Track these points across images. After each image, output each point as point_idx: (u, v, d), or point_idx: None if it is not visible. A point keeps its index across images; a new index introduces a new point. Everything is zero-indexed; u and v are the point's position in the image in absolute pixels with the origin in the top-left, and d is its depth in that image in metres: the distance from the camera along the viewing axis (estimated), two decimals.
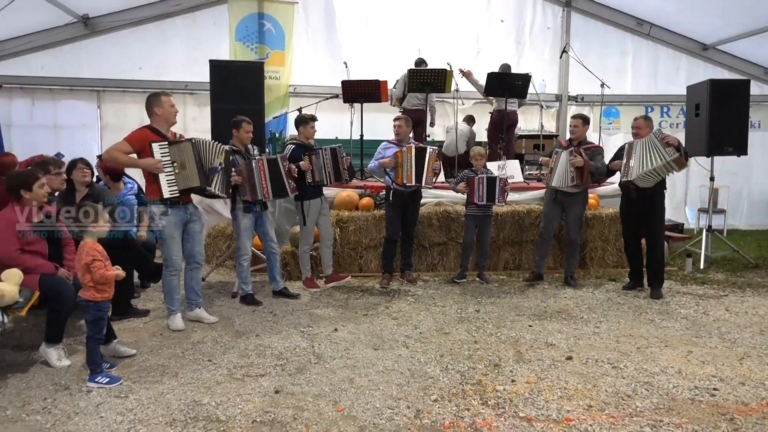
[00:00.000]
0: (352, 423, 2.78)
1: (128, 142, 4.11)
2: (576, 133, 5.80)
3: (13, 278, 3.27)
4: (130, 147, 4.10)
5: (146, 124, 4.30)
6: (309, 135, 5.52)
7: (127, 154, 4.12)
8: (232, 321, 4.58)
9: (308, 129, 5.50)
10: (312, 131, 5.54)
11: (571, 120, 6.01)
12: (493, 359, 3.68)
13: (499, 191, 5.76)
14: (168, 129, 4.31)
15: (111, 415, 2.87)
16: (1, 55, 8.36)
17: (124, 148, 4.10)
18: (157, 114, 4.24)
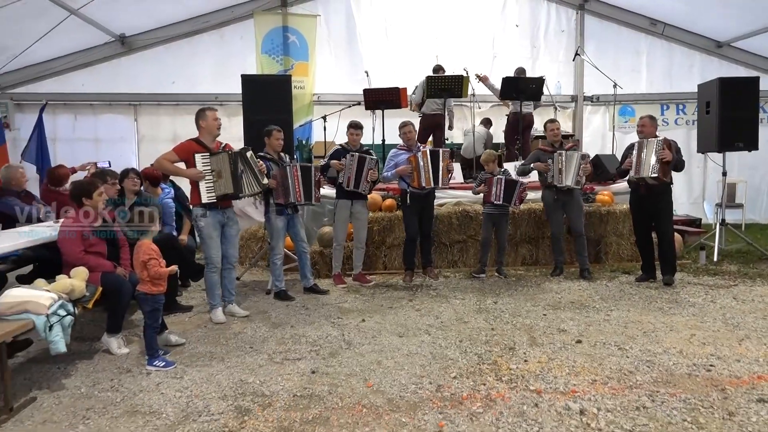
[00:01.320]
0: (380, 396, 3.15)
1: (176, 153, 4.57)
2: (558, 137, 6.18)
3: (80, 275, 3.72)
4: (176, 157, 4.56)
5: (193, 137, 4.73)
6: (352, 141, 5.91)
7: (173, 163, 4.56)
8: (269, 314, 4.99)
9: (351, 135, 5.91)
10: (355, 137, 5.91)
11: (550, 124, 6.33)
12: (508, 343, 4.01)
13: (516, 195, 6.09)
14: (212, 140, 4.75)
15: (170, 391, 3.29)
16: (46, 74, 8.96)
17: (172, 157, 4.56)
18: (202, 127, 4.70)
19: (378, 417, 2.89)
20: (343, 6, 9.57)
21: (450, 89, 7.61)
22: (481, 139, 8.56)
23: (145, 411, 3.03)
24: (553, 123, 6.42)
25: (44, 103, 8.74)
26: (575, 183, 6.01)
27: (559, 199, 6.18)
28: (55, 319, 3.27)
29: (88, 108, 9.27)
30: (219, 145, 4.80)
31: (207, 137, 4.73)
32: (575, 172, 5.97)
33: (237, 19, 9.31)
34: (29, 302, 3.23)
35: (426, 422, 2.81)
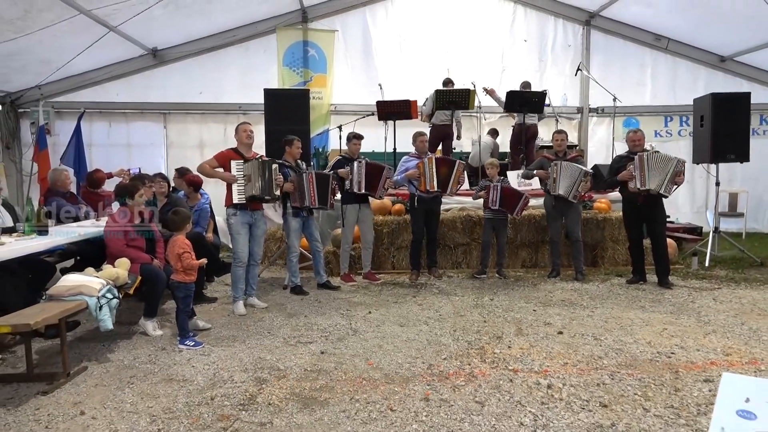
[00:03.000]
0: (379, 371, 3.66)
1: (216, 159, 5.24)
2: (563, 147, 6.60)
3: (123, 265, 4.30)
4: (216, 162, 5.22)
5: (232, 147, 5.40)
6: (353, 150, 6.46)
7: (213, 168, 5.18)
8: (285, 306, 5.54)
9: (352, 145, 6.46)
10: (355, 147, 6.47)
11: (556, 135, 6.77)
12: (497, 333, 4.49)
13: (520, 207, 6.55)
14: (247, 149, 5.39)
15: (199, 365, 3.84)
16: (84, 85, 9.67)
17: (212, 163, 5.20)
18: (236, 139, 5.36)
19: (375, 387, 3.40)
20: (359, 22, 10.14)
21: (457, 102, 8.12)
22: (488, 148, 9.04)
23: (179, 379, 3.59)
24: (560, 134, 6.85)
25: (82, 111, 9.44)
26: (570, 195, 6.42)
27: (557, 206, 6.62)
28: (104, 301, 3.85)
29: (122, 116, 9.95)
30: (255, 154, 5.41)
31: (243, 147, 5.37)
32: (570, 184, 6.40)
33: (260, 34, 9.92)
34: (83, 286, 3.81)
35: (415, 391, 3.32)
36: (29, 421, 3.00)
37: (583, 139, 10.49)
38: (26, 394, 3.38)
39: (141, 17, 7.94)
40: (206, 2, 8.28)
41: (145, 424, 2.94)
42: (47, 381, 3.51)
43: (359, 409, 3.09)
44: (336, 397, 3.27)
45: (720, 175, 8.70)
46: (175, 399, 3.26)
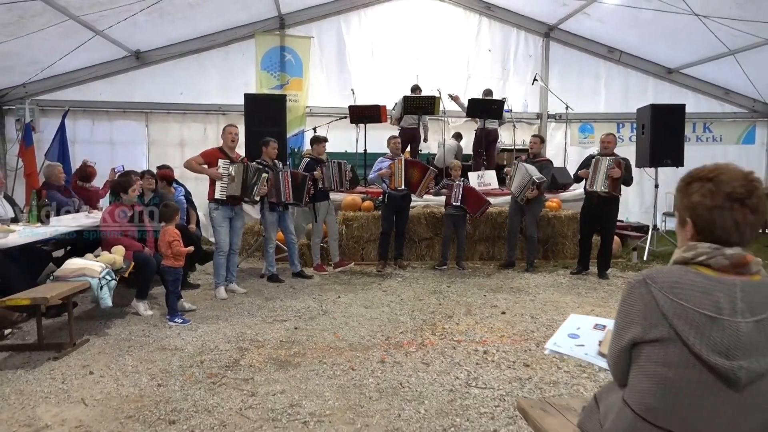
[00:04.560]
0: (344, 342, 4.30)
1: (202, 156, 5.76)
2: (534, 149, 7.30)
3: (119, 251, 4.84)
4: (202, 159, 5.75)
5: (218, 146, 5.96)
6: (320, 152, 7.06)
7: (199, 164, 5.72)
8: (262, 292, 6.12)
9: (320, 147, 7.06)
10: (323, 149, 7.08)
11: (531, 138, 7.49)
12: (448, 313, 5.17)
13: (482, 210, 7.26)
14: (231, 150, 5.93)
15: (188, 337, 4.42)
16: (69, 83, 10.06)
17: (199, 160, 5.74)
18: (222, 139, 5.91)
19: (340, 353, 4.04)
20: (334, 29, 10.73)
21: (424, 107, 8.79)
22: (452, 151, 9.72)
23: (172, 348, 4.17)
24: (536, 138, 7.53)
25: (67, 110, 9.82)
26: (518, 197, 7.12)
27: (519, 203, 7.30)
28: (104, 282, 4.40)
29: (105, 114, 10.36)
30: (238, 156, 5.98)
31: (225, 147, 5.91)
32: (520, 184, 7.10)
33: (240, 39, 10.43)
34: (86, 268, 4.36)
35: (374, 356, 3.96)
36: (47, 379, 3.55)
37: None
38: (39, 359, 3.92)
39: (126, 22, 8.41)
40: (189, 9, 8.77)
41: (147, 380, 3.52)
42: (56, 350, 4.05)
43: (326, 369, 3.72)
44: (307, 360, 3.89)
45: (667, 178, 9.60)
46: (169, 362, 3.85)
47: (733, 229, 1.41)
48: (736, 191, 1.41)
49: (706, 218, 1.44)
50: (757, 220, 1.42)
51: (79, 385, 3.46)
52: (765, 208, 1.42)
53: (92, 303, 5.48)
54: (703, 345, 1.34)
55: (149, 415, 3.01)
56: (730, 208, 1.41)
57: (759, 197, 1.41)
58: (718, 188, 1.43)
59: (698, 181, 1.48)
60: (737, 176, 1.43)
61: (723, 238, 1.43)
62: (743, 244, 1.43)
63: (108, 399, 3.24)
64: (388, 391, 3.35)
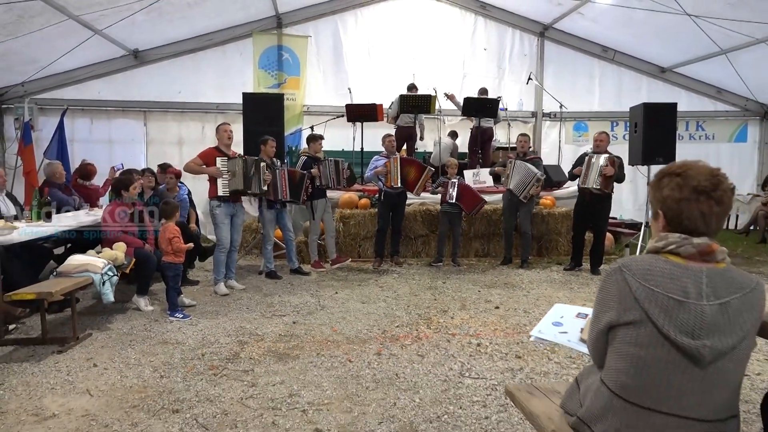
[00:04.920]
0: (341, 336, 4.40)
1: (200, 158, 5.85)
2: (524, 148, 7.42)
3: (120, 248, 4.94)
4: (201, 161, 5.84)
5: (214, 145, 6.04)
6: (317, 149, 7.16)
7: (199, 165, 5.81)
8: (261, 288, 6.23)
9: (316, 145, 7.16)
10: (319, 147, 7.19)
11: (519, 137, 7.61)
12: (443, 308, 5.28)
13: (477, 208, 7.37)
14: (227, 147, 6.03)
15: (189, 331, 4.52)
16: (68, 82, 10.12)
17: (197, 161, 5.83)
18: (218, 138, 6.00)
19: (337, 346, 4.14)
20: (331, 29, 10.80)
21: (420, 106, 8.90)
22: (448, 149, 9.82)
23: (173, 341, 4.27)
24: (524, 136, 7.68)
25: (65, 108, 9.89)
26: (521, 195, 7.23)
27: (513, 200, 7.43)
28: (106, 277, 4.49)
29: (103, 113, 10.41)
30: (235, 153, 6.08)
31: (222, 145, 6.01)
32: (521, 182, 7.21)
33: (237, 38, 10.49)
34: (89, 264, 4.45)
35: (370, 349, 4.07)
36: (52, 371, 3.65)
37: (537, 142, 11.34)
38: (43, 353, 4.01)
39: (124, 21, 8.47)
40: (187, 9, 8.84)
41: (150, 372, 3.62)
42: (59, 344, 4.14)
43: (324, 360, 3.83)
44: (305, 353, 4.00)
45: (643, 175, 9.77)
46: (171, 355, 3.95)
47: (700, 219, 1.53)
48: (701, 185, 1.52)
49: (675, 210, 1.56)
50: (722, 211, 1.54)
51: (83, 376, 3.56)
52: (729, 200, 1.53)
53: (93, 299, 5.60)
54: (672, 326, 1.46)
55: (153, 405, 3.11)
56: (697, 200, 1.53)
57: (723, 190, 1.52)
58: (685, 182, 1.55)
59: (668, 177, 1.61)
60: (703, 172, 1.55)
61: (691, 228, 1.54)
62: (710, 233, 1.55)
63: (112, 390, 3.34)
64: (384, 381, 3.45)
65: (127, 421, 2.92)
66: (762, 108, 11.59)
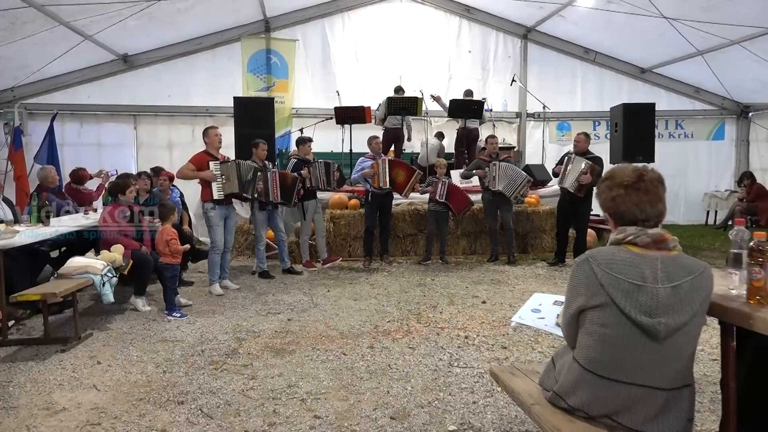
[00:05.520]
0: (335, 331, 4.59)
1: (192, 163, 5.96)
2: (495, 149, 7.67)
3: (118, 250, 5.08)
4: (193, 166, 5.96)
5: (203, 150, 6.14)
6: (306, 152, 7.34)
7: (192, 171, 5.95)
8: (254, 288, 6.38)
9: (305, 147, 7.34)
10: (308, 149, 7.36)
11: (489, 139, 7.87)
12: (432, 303, 5.48)
13: (465, 209, 7.61)
14: (217, 151, 6.15)
15: (187, 330, 4.68)
16: (57, 87, 10.20)
17: (190, 167, 5.96)
18: (206, 142, 6.11)
19: (332, 341, 4.33)
20: (319, 32, 10.98)
21: (407, 108, 9.11)
22: (435, 149, 10.04)
23: (173, 339, 4.43)
24: (493, 138, 7.97)
25: (55, 113, 9.96)
26: (512, 196, 7.48)
27: (494, 200, 7.67)
28: (106, 279, 4.63)
29: (93, 117, 10.50)
30: (224, 156, 6.22)
31: (212, 149, 6.14)
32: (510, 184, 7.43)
33: (226, 42, 10.63)
34: (89, 266, 4.59)
35: (363, 343, 4.26)
36: (57, 369, 3.79)
37: (521, 141, 11.63)
38: (47, 352, 4.15)
39: (115, 27, 8.57)
40: (177, 14, 8.96)
41: (152, 368, 3.78)
42: (62, 343, 4.28)
43: (319, 354, 4.01)
44: (301, 348, 4.18)
45: None
46: (172, 352, 4.11)
47: (635, 209, 1.78)
48: (625, 181, 1.79)
49: (613, 207, 1.81)
50: (652, 198, 1.80)
51: (89, 373, 3.71)
52: (656, 189, 1.79)
53: (91, 300, 5.73)
54: (632, 307, 1.67)
55: (158, 398, 3.27)
56: (626, 193, 1.79)
57: (646, 181, 1.79)
58: (613, 183, 1.83)
59: (602, 184, 1.90)
60: (627, 170, 1.82)
61: (631, 218, 1.78)
62: (650, 219, 1.79)
63: (118, 385, 3.49)
64: (377, 372, 3.65)
65: (135, 412, 3.08)
66: (738, 107, 11.95)
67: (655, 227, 1.79)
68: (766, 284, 1.74)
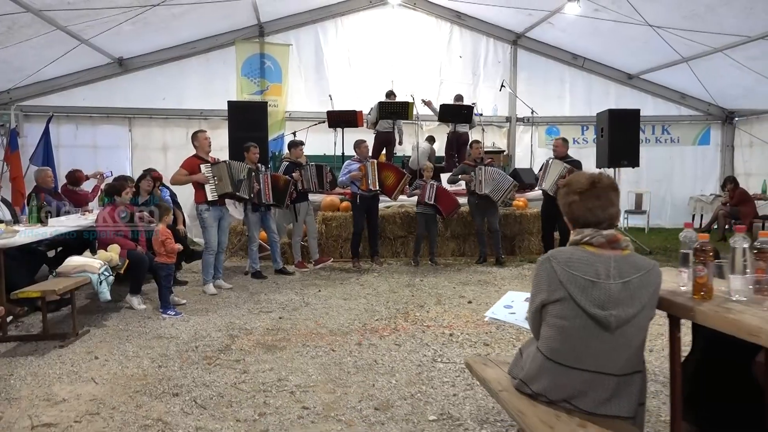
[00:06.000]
0: (325, 329, 4.76)
1: (184, 168, 6.12)
2: (479, 154, 7.88)
3: (115, 250, 5.23)
4: (185, 171, 6.12)
5: (194, 154, 6.29)
6: (298, 155, 7.50)
7: (185, 176, 6.11)
8: (247, 287, 6.54)
9: (297, 151, 7.51)
10: (300, 152, 7.52)
11: (474, 144, 8.08)
12: (420, 303, 5.66)
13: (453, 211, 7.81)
14: (207, 154, 6.31)
15: (182, 327, 4.83)
16: (53, 89, 10.30)
17: (182, 172, 6.13)
18: (196, 146, 6.27)
19: (321, 338, 4.50)
20: (312, 37, 11.14)
21: (398, 112, 9.29)
22: (425, 153, 10.20)
23: (167, 336, 4.58)
24: (478, 143, 8.18)
25: (51, 115, 10.07)
26: (499, 200, 7.69)
27: (480, 203, 7.87)
28: (103, 277, 4.79)
29: (88, 119, 10.60)
30: (214, 159, 6.37)
31: (202, 153, 6.31)
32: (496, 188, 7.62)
33: (220, 46, 10.77)
34: (86, 265, 4.74)
35: (351, 339, 4.43)
36: (56, 363, 3.94)
37: (511, 145, 11.83)
38: (46, 348, 4.30)
39: (110, 31, 8.71)
40: (172, 19, 9.10)
41: (148, 363, 3.93)
42: (60, 339, 4.43)
43: (309, 350, 4.18)
44: (291, 344, 4.34)
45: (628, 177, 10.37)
46: (167, 348, 4.26)
47: (588, 213, 1.97)
48: (579, 188, 1.96)
49: (569, 211, 2.00)
50: (604, 203, 1.98)
51: (87, 367, 3.86)
52: (607, 194, 1.97)
53: (87, 299, 5.87)
54: (587, 301, 1.85)
55: (154, 390, 3.43)
56: (580, 199, 1.97)
57: (599, 188, 1.98)
58: (569, 188, 2.02)
59: (561, 190, 2.09)
60: (582, 178, 2.00)
61: (585, 221, 1.97)
62: (602, 221, 1.97)
63: (115, 378, 3.65)
64: (364, 367, 3.82)
65: (132, 403, 3.24)
66: (723, 112, 12.20)
67: (609, 228, 1.97)
68: (709, 281, 1.93)
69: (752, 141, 11.81)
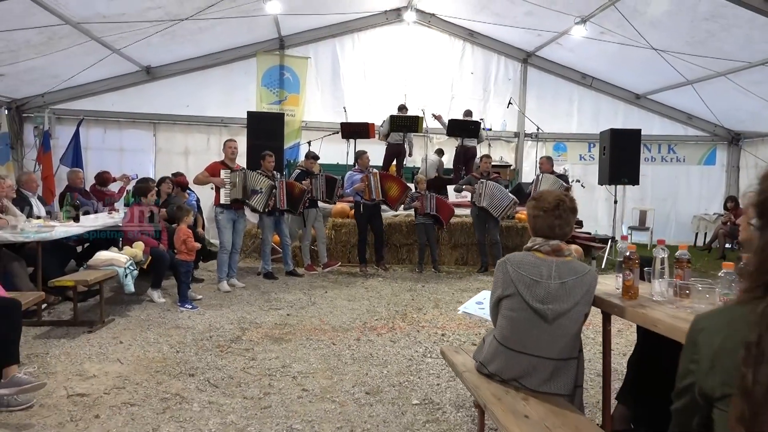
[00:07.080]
0: (328, 325, 5.18)
1: (207, 171, 6.63)
2: (487, 169, 8.25)
3: (139, 246, 5.71)
4: (207, 173, 6.63)
5: (220, 159, 6.83)
6: (309, 166, 7.96)
7: (206, 177, 6.62)
8: (259, 286, 6.99)
9: (309, 162, 7.97)
10: (311, 164, 7.97)
11: (483, 158, 8.46)
12: (418, 306, 6.06)
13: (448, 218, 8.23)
14: (232, 161, 6.83)
15: (197, 319, 5.29)
16: (84, 95, 10.92)
17: (204, 174, 6.64)
18: (223, 152, 6.78)
19: (324, 333, 4.92)
20: (329, 51, 11.66)
21: (409, 126, 9.73)
22: (434, 165, 10.64)
23: (185, 327, 5.04)
24: (488, 158, 8.56)
25: (81, 119, 10.68)
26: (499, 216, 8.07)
27: (481, 214, 8.25)
28: (128, 271, 5.26)
29: (116, 124, 11.20)
30: (238, 166, 6.89)
31: (227, 159, 6.81)
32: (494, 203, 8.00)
33: (242, 58, 11.32)
34: (114, 259, 5.22)
35: (351, 336, 4.85)
36: (86, 345, 4.41)
37: (519, 160, 12.21)
38: (76, 333, 4.77)
39: (141, 42, 9.30)
40: (198, 32, 9.67)
41: (167, 348, 4.38)
42: (88, 326, 4.90)
43: (312, 343, 4.60)
44: (297, 337, 4.77)
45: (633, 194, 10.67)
46: (184, 336, 4.72)
47: (547, 229, 2.35)
48: (546, 206, 2.33)
49: (533, 223, 2.38)
50: (563, 222, 2.35)
51: (113, 350, 4.32)
52: (568, 215, 2.34)
53: (111, 292, 6.36)
54: (531, 297, 2.25)
55: (173, 371, 3.87)
56: (544, 216, 2.34)
57: (562, 210, 2.33)
58: (538, 204, 2.38)
59: (530, 201, 2.45)
60: (550, 197, 2.36)
61: (544, 234, 2.35)
62: (558, 237, 2.35)
63: (138, 360, 4.10)
64: (360, 359, 4.23)
65: (153, 380, 3.68)
66: (729, 134, 12.46)
67: (558, 239, 2.35)
68: (634, 283, 2.32)
69: (757, 163, 12.02)
